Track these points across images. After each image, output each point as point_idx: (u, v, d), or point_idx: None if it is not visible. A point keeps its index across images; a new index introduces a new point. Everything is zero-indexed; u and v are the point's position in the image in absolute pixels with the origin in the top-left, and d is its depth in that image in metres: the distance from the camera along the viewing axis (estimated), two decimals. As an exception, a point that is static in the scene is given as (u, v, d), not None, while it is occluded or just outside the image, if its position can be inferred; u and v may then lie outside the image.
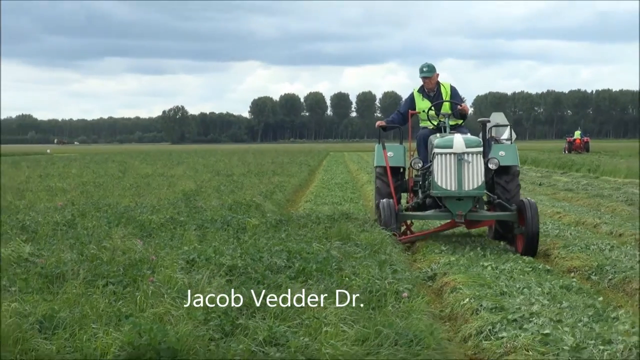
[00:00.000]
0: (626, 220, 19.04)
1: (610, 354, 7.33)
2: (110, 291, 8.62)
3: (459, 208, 13.23)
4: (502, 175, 13.92)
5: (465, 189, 13.19)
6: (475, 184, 13.22)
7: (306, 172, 39.53)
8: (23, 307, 7.53)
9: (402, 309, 8.23)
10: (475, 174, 13.21)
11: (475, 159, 13.26)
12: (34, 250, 11.00)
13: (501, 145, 14.63)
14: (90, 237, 12.65)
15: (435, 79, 14.91)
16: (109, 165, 45.34)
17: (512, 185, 14.03)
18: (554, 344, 7.66)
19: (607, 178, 36.59)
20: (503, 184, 13.85)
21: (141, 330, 6.85)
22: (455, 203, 13.26)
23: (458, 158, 13.16)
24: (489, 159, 13.54)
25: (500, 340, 7.98)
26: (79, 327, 7.14)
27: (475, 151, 13.32)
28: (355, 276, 9.50)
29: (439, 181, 13.26)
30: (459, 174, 13.14)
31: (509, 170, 14.07)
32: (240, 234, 13.38)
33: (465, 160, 13.16)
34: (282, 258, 10.45)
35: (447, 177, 13.20)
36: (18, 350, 6.70)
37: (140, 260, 10.21)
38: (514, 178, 14.16)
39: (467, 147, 13.25)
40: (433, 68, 14.89)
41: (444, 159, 13.25)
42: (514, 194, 13.90)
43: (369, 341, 6.99)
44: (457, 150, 13.19)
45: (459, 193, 13.19)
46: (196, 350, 6.68)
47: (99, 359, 6.59)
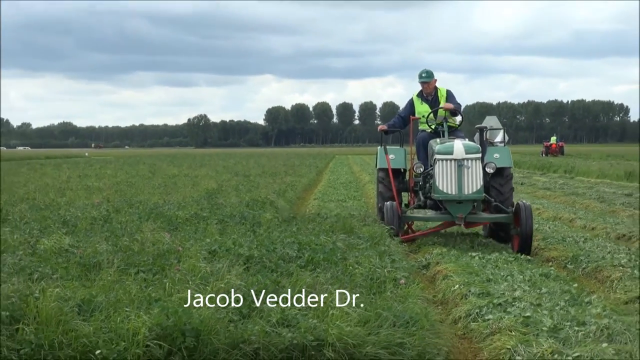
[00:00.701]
0: (598, 215, 19.04)
1: (584, 334, 7.32)
2: (141, 278, 8.63)
3: (459, 210, 12.77)
4: (497, 176, 13.45)
5: (465, 192, 12.70)
6: (474, 188, 12.73)
7: (314, 173, 39.53)
8: (64, 293, 7.52)
9: (400, 294, 8.23)
10: (474, 178, 12.73)
11: (474, 165, 12.76)
12: (73, 242, 11.02)
13: (495, 148, 14.19)
14: (124, 230, 12.68)
15: (433, 84, 14.41)
16: (140, 167, 45.36)
17: (506, 186, 13.59)
18: (534, 325, 7.67)
19: (581, 178, 36.58)
20: (497, 186, 13.44)
21: (168, 313, 6.86)
22: (455, 206, 12.77)
23: (458, 164, 12.68)
24: (487, 164, 13.11)
25: (487, 322, 7.99)
26: (114, 310, 7.14)
27: (474, 157, 12.84)
28: (358, 265, 9.50)
29: (440, 185, 12.78)
30: (459, 178, 12.66)
31: (503, 172, 13.60)
32: (256, 227, 13.36)
33: (465, 166, 12.68)
34: (293, 249, 10.44)
35: (448, 181, 12.73)
36: (60, 331, 6.71)
37: (168, 251, 10.22)
38: (508, 179, 13.71)
39: (466, 153, 12.79)
40: (431, 74, 14.35)
41: (444, 165, 12.76)
42: (507, 192, 13.53)
43: (370, 323, 6.98)
44: (457, 157, 12.73)
45: (459, 197, 12.70)
46: (217, 331, 6.67)
47: (131, 338, 6.60)
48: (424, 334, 6.89)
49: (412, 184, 14.41)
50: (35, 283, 8.06)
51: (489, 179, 13.22)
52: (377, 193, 14.62)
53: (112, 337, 6.62)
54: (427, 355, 6.66)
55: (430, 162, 13.39)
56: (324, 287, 8.19)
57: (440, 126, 13.83)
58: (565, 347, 6.85)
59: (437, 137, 13.84)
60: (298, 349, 6.56)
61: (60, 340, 6.62)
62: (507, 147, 14.35)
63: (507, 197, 13.41)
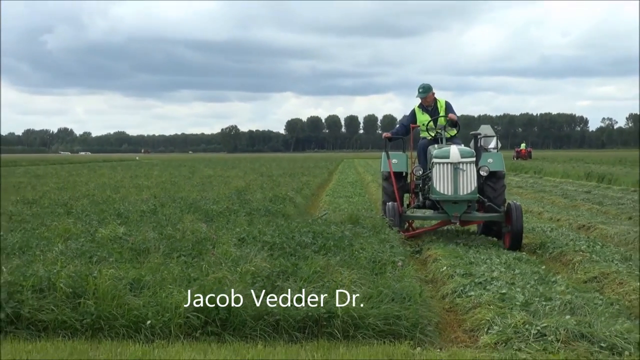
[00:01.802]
0: (562, 209, 18.99)
1: (551, 308, 7.30)
2: (182, 261, 8.63)
3: (455, 210, 11.89)
4: (491, 178, 12.55)
5: (461, 193, 11.81)
6: (469, 189, 11.83)
7: (326, 174, 39.49)
8: (118, 273, 7.54)
9: (397, 274, 8.20)
10: (469, 180, 11.85)
11: (469, 168, 11.89)
12: (126, 231, 11.03)
13: (489, 154, 13.26)
14: (168, 221, 12.69)
15: (431, 97, 13.44)
16: (181, 169, 45.42)
17: (499, 186, 12.65)
18: (509, 300, 7.65)
19: (548, 178, 36.46)
20: (491, 186, 12.54)
21: (205, 290, 6.89)
22: (451, 206, 11.89)
23: (454, 167, 11.84)
24: (481, 167, 12.30)
25: (469, 297, 7.98)
26: (159, 287, 7.16)
27: (469, 161, 11.95)
28: (362, 250, 9.47)
29: (438, 187, 11.89)
30: (455, 180, 11.82)
31: (496, 175, 12.68)
32: (277, 219, 13.37)
33: (461, 169, 11.84)
34: (308, 237, 10.42)
35: (445, 183, 11.85)
36: (114, 304, 6.73)
37: (204, 238, 10.21)
38: (500, 180, 12.77)
39: (462, 157, 11.92)
40: (428, 88, 13.39)
41: (442, 168, 11.89)
42: (500, 193, 12.61)
43: (373, 298, 6.98)
44: (453, 160, 11.86)
45: (455, 197, 11.81)
46: (245, 305, 6.69)
47: (174, 311, 6.61)
48: (417, 308, 6.88)
49: (413, 186, 13.58)
50: (94, 265, 8.09)
51: (482, 181, 12.40)
52: (382, 190, 14.01)
53: (159, 310, 6.65)
54: (420, 326, 6.64)
55: (429, 166, 12.62)
56: (334, 268, 8.20)
57: (439, 134, 13.08)
58: (534, 318, 6.82)
59: (436, 144, 12.96)
60: (312, 320, 6.57)
61: (115, 312, 6.66)
62: (500, 153, 13.61)
63: (499, 198, 12.58)
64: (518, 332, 6.49)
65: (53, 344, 6.31)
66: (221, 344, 6.32)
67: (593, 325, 6.56)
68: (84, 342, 6.35)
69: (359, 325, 6.54)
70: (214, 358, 5.93)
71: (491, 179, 12.47)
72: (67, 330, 6.56)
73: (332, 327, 6.51)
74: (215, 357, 5.95)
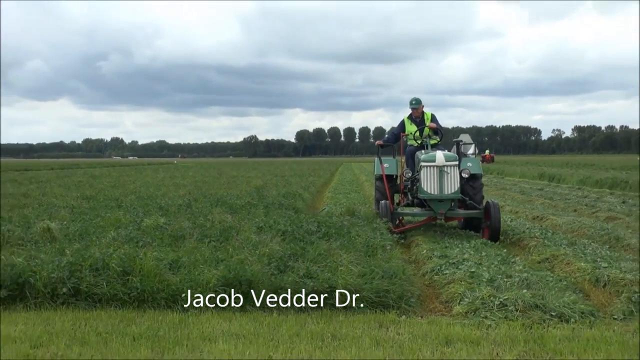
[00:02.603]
0: (520, 203, 18.96)
1: (511, 283, 7.28)
2: (212, 245, 8.63)
3: (440, 207, 11.21)
4: (470, 179, 11.78)
5: (445, 193, 11.11)
6: (453, 189, 11.14)
7: (328, 175, 39.45)
8: (159, 255, 7.54)
9: (386, 256, 8.19)
10: (452, 181, 11.14)
11: (453, 170, 11.17)
12: (166, 221, 11.04)
13: (468, 158, 12.62)
14: (200, 213, 12.69)
15: (421, 109, 12.72)
16: (211, 171, 45.43)
17: (477, 186, 11.88)
18: (477, 277, 7.62)
19: (508, 178, 36.46)
20: (471, 186, 11.79)
21: (230, 269, 6.88)
22: (437, 204, 11.19)
23: (440, 170, 11.12)
24: (462, 170, 11.44)
25: (445, 275, 7.94)
26: (193, 267, 7.16)
27: (453, 164, 11.19)
28: (358, 236, 9.45)
29: (425, 187, 11.19)
30: (441, 181, 11.12)
31: (475, 176, 11.91)
32: (289, 211, 13.37)
33: (445, 172, 11.11)
34: (314, 226, 10.40)
35: (432, 184, 11.16)
36: (156, 280, 6.72)
37: (230, 227, 10.22)
38: (478, 181, 11.99)
39: (446, 161, 11.16)
40: (419, 102, 12.68)
41: (429, 170, 11.17)
42: (478, 192, 11.86)
43: (366, 275, 6.96)
44: (439, 164, 11.13)
45: (441, 196, 11.12)
46: (263, 281, 6.67)
47: (205, 286, 6.60)
48: (403, 283, 6.87)
49: (402, 187, 12.82)
50: (140, 248, 8.09)
51: (464, 182, 11.68)
52: (375, 190, 13.30)
53: (192, 285, 6.64)
54: (405, 298, 6.62)
55: (417, 169, 11.90)
56: (335, 251, 8.18)
57: (425, 141, 12.41)
58: (498, 292, 6.81)
59: (422, 150, 12.28)
60: (317, 293, 6.56)
61: (157, 287, 6.65)
62: (477, 158, 12.95)
63: (478, 196, 11.86)
64: (484, 303, 6.47)
65: (106, 312, 6.32)
66: (243, 313, 6.31)
67: (545, 298, 6.55)
68: (131, 312, 6.36)
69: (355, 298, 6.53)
70: (237, 324, 5.92)
71: (471, 180, 11.84)
72: (117, 302, 6.56)
73: (333, 300, 6.50)
74: (238, 323, 5.94)
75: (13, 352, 5.16)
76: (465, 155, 12.93)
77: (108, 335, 5.58)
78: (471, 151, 12.50)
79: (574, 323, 6.02)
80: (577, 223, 13.05)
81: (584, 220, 13.80)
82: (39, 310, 6.41)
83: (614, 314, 6.38)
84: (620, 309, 6.48)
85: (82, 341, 5.42)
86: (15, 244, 8.93)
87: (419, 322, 6.05)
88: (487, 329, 5.81)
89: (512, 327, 5.84)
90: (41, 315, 6.24)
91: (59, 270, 6.80)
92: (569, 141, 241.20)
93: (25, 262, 7.10)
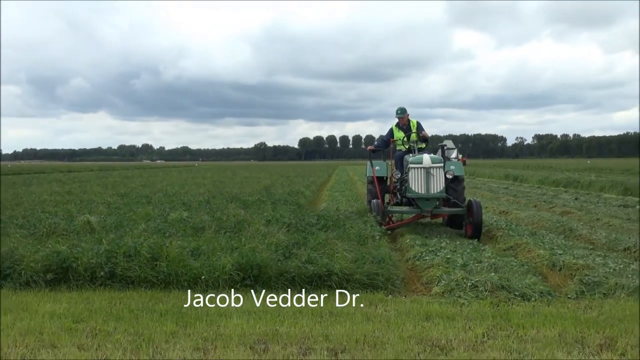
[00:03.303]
0: (489, 200, 18.93)
1: (481, 267, 7.28)
2: (227, 236, 8.61)
3: (427, 205, 10.51)
4: (454, 181, 11.12)
5: (432, 192, 10.45)
6: (438, 188, 10.48)
7: (326, 176, 39.38)
8: (182, 243, 7.53)
9: (375, 245, 8.17)
10: (438, 182, 10.49)
11: (438, 172, 10.53)
12: (188, 215, 11.03)
13: (451, 162, 11.84)
14: (217, 208, 12.67)
15: (406, 118, 12.02)
16: (226, 172, 45.34)
17: (460, 187, 11.19)
18: (452, 263, 7.61)
19: (479, 178, 36.55)
20: (454, 187, 11.10)
21: (243, 255, 6.86)
22: (424, 202, 10.53)
23: (426, 171, 10.49)
24: (447, 171, 10.79)
25: (425, 260, 7.93)
26: (211, 254, 7.13)
27: (439, 166, 10.57)
28: (351, 228, 9.43)
29: (413, 187, 10.54)
30: (427, 182, 10.49)
31: (457, 178, 11.21)
32: (293, 206, 13.35)
33: (432, 173, 10.48)
34: (314, 219, 10.41)
35: (419, 184, 10.52)
36: (180, 265, 6.70)
37: (243, 220, 10.20)
38: (461, 183, 11.30)
39: (432, 163, 10.55)
40: (404, 111, 12.00)
41: (417, 172, 10.54)
42: (460, 192, 11.17)
43: (358, 261, 6.94)
44: (425, 165, 10.51)
45: (428, 195, 10.47)
46: (271, 266, 6.65)
47: (222, 269, 6.59)
48: (389, 268, 6.85)
49: (392, 187, 12.02)
50: (166, 238, 8.07)
51: (448, 182, 10.98)
52: (367, 191, 12.59)
53: (210, 269, 6.62)
54: (391, 280, 6.61)
55: (405, 171, 11.22)
56: (332, 240, 8.17)
57: (412, 146, 11.72)
58: (470, 275, 6.79)
59: (411, 153, 11.56)
60: (317, 276, 6.54)
61: (181, 270, 6.63)
62: (459, 162, 11.97)
63: (460, 196, 11.16)
64: (458, 285, 6.46)
65: (137, 293, 6.30)
66: (254, 293, 6.29)
67: (510, 280, 6.54)
68: (159, 292, 6.34)
69: (349, 280, 6.51)
70: (249, 302, 5.91)
71: (454, 182, 11.19)
72: (147, 283, 6.54)
73: (331, 281, 6.48)
74: (250, 302, 5.93)
75: (58, 326, 5.15)
76: (449, 158, 12.54)
77: (139, 311, 5.57)
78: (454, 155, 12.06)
79: (534, 301, 6.01)
80: (537, 217, 13.04)
81: (543, 214, 13.80)
82: (80, 290, 6.39)
83: (568, 293, 6.37)
84: (573, 289, 6.47)
85: (117, 317, 5.41)
86: (60, 235, 8.92)
87: (403, 301, 6.03)
88: (461, 306, 5.80)
89: (482, 305, 5.83)
90: (82, 295, 6.22)
91: (97, 256, 6.79)
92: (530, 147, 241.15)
93: (69, 249, 7.08)
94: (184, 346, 4.62)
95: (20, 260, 6.84)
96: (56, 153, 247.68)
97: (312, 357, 4.40)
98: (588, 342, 4.71)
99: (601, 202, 17.57)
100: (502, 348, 4.57)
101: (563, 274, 7.41)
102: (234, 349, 4.56)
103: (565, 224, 11.65)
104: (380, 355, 4.41)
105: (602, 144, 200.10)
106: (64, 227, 9.53)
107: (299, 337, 4.83)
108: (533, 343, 4.68)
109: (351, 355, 4.42)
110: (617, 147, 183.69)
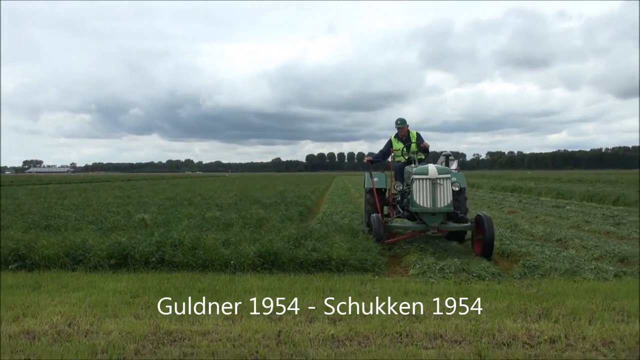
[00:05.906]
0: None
1: (447, 255, 7.21)
2: (250, 230, 8.57)
3: (433, 221, 7.60)
4: (456, 193, 8.02)
5: (439, 206, 7.53)
6: (445, 202, 7.55)
7: (327, 184, 39.32)
8: (216, 236, 7.49)
9: (364, 237, 8.12)
10: (445, 194, 7.57)
11: (445, 183, 7.60)
12: (220, 214, 11.01)
13: (454, 173, 8.55)
14: (243, 208, 12.64)
15: (406, 129, 9.19)
16: (250, 181, 45.32)
17: (462, 199, 8.47)
18: (424, 251, 7.54)
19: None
20: (456, 199, 8.21)
21: (263, 245, 6.83)
22: (430, 217, 7.63)
23: (432, 182, 7.57)
24: (452, 183, 7.70)
25: (403, 249, 7.80)
26: (238, 244, 7.10)
27: (446, 177, 7.62)
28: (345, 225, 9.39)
29: (418, 200, 7.61)
30: (434, 194, 7.56)
31: (460, 190, 8.31)
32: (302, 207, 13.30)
33: (438, 184, 7.55)
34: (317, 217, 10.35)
35: (424, 197, 7.58)
36: (214, 253, 6.66)
37: (263, 218, 10.17)
38: (463, 194, 8.54)
39: (439, 173, 7.60)
40: (404, 121, 9.19)
41: (421, 183, 7.61)
42: (463, 204, 8.46)
43: (352, 250, 6.90)
44: (431, 176, 7.58)
45: (434, 209, 7.54)
46: (284, 253, 6.62)
47: (246, 256, 6.56)
48: (376, 255, 6.81)
49: (391, 200, 9.13)
50: (203, 232, 8.04)
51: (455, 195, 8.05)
52: (365, 203, 9.62)
53: (237, 256, 6.59)
54: (377, 264, 6.57)
55: (407, 183, 8.35)
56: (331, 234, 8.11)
57: (411, 157, 8.84)
58: (438, 260, 6.76)
59: (412, 165, 8.57)
60: (319, 262, 6.51)
61: (215, 257, 6.61)
62: (461, 173, 9.12)
63: (462, 208, 8.46)
64: (429, 268, 6.42)
65: (181, 274, 6.27)
66: (271, 274, 6.26)
67: (469, 264, 6.50)
68: (198, 274, 6.30)
69: (345, 264, 6.48)
70: (267, 282, 5.88)
71: (457, 194, 8.19)
72: (188, 267, 6.51)
73: (330, 266, 6.45)
74: (268, 281, 5.90)
75: (119, 300, 5.13)
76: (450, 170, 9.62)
77: (182, 289, 5.55)
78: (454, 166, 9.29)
79: (488, 281, 5.97)
80: (489, 215, 12.95)
81: (495, 212, 13.73)
82: (136, 273, 6.37)
83: (514, 274, 6.34)
84: (518, 271, 6.44)
85: (165, 293, 5.38)
86: (121, 229, 8.90)
87: (386, 281, 5.99)
88: (431, 285, 5.76)
89: (447, 283, 5.79)
90: (137, 276, 6.20)
91: (150, 246, 6.78)
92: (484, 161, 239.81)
93: (128, 241, 7.07)
94: (217, 316, 4.61)
95: (90, 249, 6.82)
96: (118, 166, 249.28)
97: (316, 324, 4.38)
98: (529, 312, 4.69)
99: (539, 203, 17.50)
100: (463, 317, 4.55)
101: (510, 260, 7.37)
102: (255, 319, 4.54)
103: (512, 221, 11.59)
104: (369, 323, 4.39)
105: (539, 159, 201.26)
106: (124, 223, 9.51)
107: (306, 309, 4.81)
108: (487, 313, 4.66)
109: (347, 324, 4.39)
110: (551, 161, 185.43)
